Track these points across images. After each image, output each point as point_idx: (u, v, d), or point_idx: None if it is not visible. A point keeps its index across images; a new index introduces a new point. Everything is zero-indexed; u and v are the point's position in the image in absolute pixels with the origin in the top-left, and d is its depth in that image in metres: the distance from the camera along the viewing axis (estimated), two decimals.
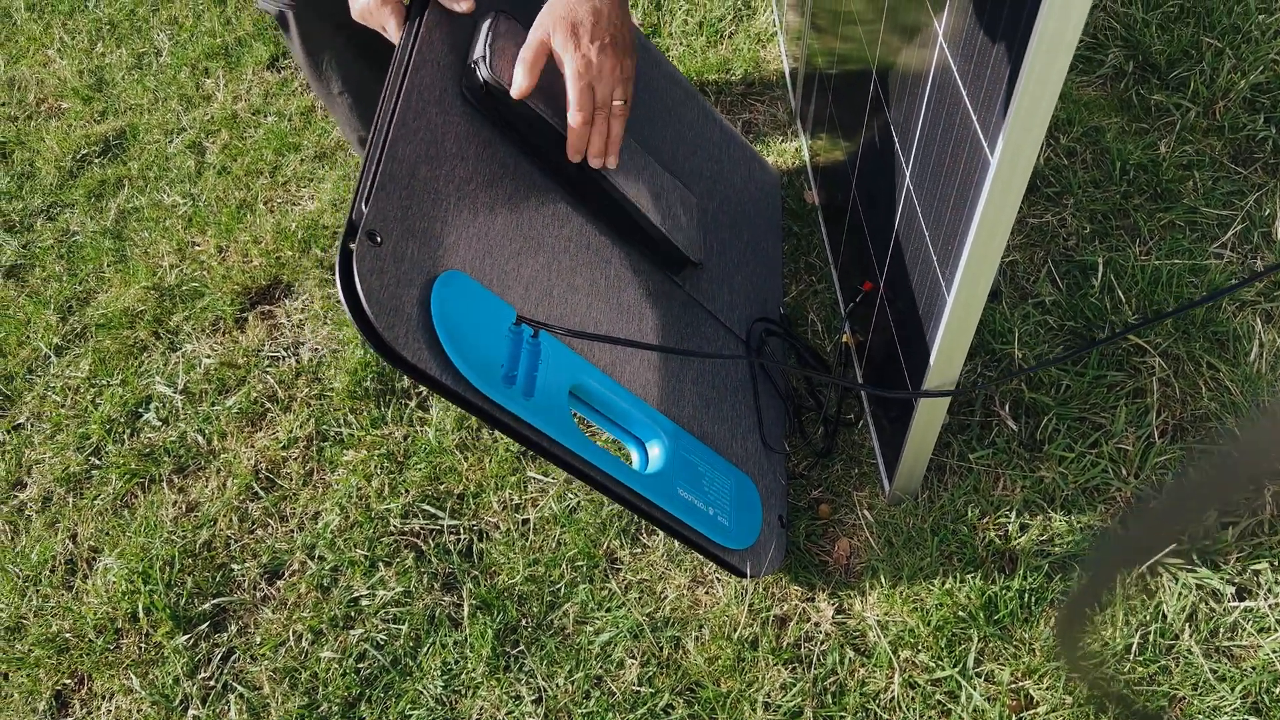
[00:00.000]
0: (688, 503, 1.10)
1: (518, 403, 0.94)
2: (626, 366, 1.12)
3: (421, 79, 0.99)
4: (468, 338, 0.91)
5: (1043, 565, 1.16)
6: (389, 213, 0.90)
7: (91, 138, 2.14)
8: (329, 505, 1.41)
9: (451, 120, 1.01)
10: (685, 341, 1.25)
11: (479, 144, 1.05)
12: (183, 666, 1.30)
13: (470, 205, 1.00)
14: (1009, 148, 0.81)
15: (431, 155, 0.97)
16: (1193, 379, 1.27)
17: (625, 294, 1.19)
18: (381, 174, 0.90)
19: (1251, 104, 1.53)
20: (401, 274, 0.89)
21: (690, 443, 1.16)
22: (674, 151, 1.38)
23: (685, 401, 1.20)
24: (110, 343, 1.70)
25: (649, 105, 1.38)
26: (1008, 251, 1.46)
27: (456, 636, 1.26)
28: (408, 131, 0.95)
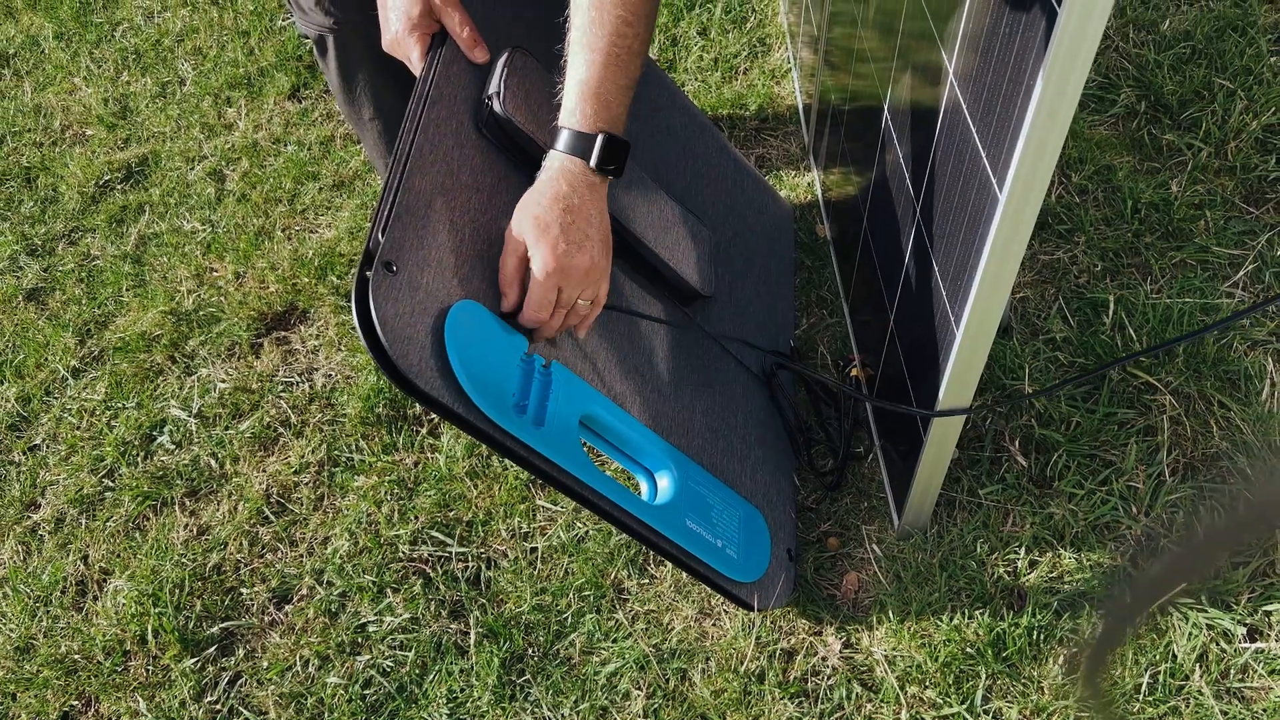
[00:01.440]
0: (696, 534, 1.10)
1: (528, 431, 0.94)
2: (637, 397, 1.13)
3: (439, 112, 1.01)
4: (480, 367, 0.92)
5: (1052, 603, 1.15)
6: (405, 243, 0.91)
7: (114, 164, 2.17)
8: (339, 531, 1.42)
9: (467, 153, 1.03)
10: (696, 373, 1.25)
11: (494, 177, 1.06)
12: (189, 690, 1.30)
13: (485, 237, 1.01)
14: (1017, 186, 0.82)
15: (447, 187, 0.98)
16: (1204, 418, 1.27)
17: (637, 325, 1.20)
18: (398, 205, 0.92)
19: (1263, 145, 1.53)
20: (416, 303, 0.90)
21: (699, 474, 1.16)
22: (688, 184, 1.40)
23: (694, 433, 1.20)
24: (127, 366, 1.71)
25: (664, 138, 1.40)
26: (1019, 288, 1.46)
27: (463, 664, 1.26)
28: (424, 164, 0.96)
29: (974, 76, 0.92)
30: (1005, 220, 0.85)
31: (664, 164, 1.36)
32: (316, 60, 1.41)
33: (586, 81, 0.97)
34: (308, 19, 1.31)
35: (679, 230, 1.28)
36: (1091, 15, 0.70)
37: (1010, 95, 0.82)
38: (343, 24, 1.29)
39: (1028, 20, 0.78)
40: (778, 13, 2.08)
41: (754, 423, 1.32)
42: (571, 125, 0.98)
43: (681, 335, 1.27)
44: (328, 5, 1.28)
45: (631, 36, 0.98)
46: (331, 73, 1.37)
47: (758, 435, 1.31)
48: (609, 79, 0.98)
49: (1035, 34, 0.76)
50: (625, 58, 0.98)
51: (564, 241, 0.96)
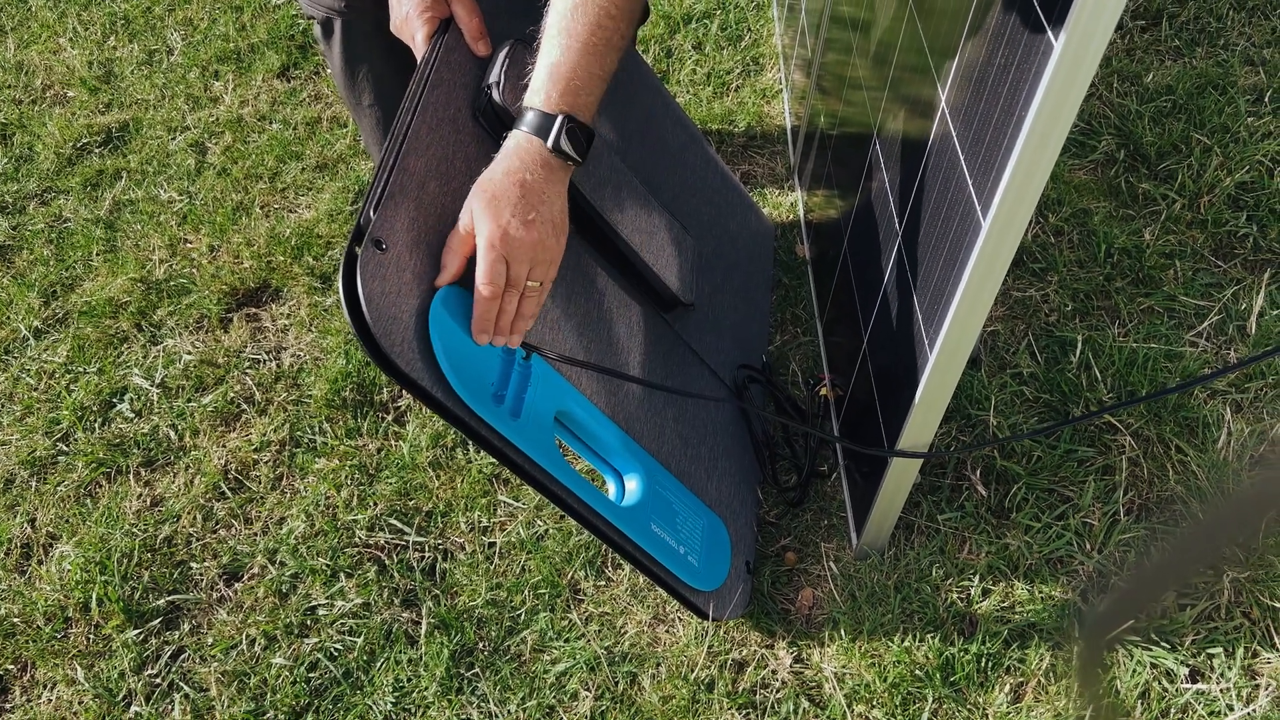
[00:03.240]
0: (659, 539, 1.10)
1: (504, 422, 0.94)
2: (611, 398, 1.13)
3: (438, 96, 1.01)
4: (462, 353, 0.92)
5: (1002, 632, 1.16)
6: (396, 222, 0.91)
7: (94, 128, 2.15)
8: (295, 511, 1.40)
9: (463, 140, 1.03)
10: (671, 380, 1.26)
11: (488, 166, 1.06)
12: (130, 661, 1.28)
13: None
14: (1001, 214, 0.84)
15: (442, 171, 0.98)
16: (1161, 461, 1.29)
17: (617, 327, 1.20)
18: (392, 183, 0.91)
19: (1235, 201, 1.57)
20: (403, 283, 0.90)
21: (667, 479, 1.16)
22: (675, 193, 1.41)
23: (665, 439, 1.20)
24: (91, 331, 1.69)
25: (655, 146, 1.40)
26: (991, 322, 1.48)
27: (412, 654, 1.25)
28: (421, 145, 0.96)
29: (966, 106, 0.93)
30: (986, 248, 0.86)
31: (654, 171, 1.37)
32: (318, 42, 1.40)
33: (558, 65, 0.97)
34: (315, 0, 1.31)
35: (664, 236, 1.28)
36: (1087, 50, 0.71)
37: (1001, 126, 0.83)
38: (352, 6, 1.29)
39: (1024, 54, 0.79)
40: (773, 34, 2.10)
41: (723, 434, 1.33)
42: (535, 105, 0.97)
43: (658, 341, 1.27)
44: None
45: (612, 29, 0.98)
46: (335, 56, 1.36)
47: (725, 446, 1.32)
48: (582, 66, 0.98)
49: (1031, 67, 0.78)
50: (602, 49, 0.98)
51: (513, 216, 0.93)
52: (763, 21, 2.13)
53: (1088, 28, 0.70)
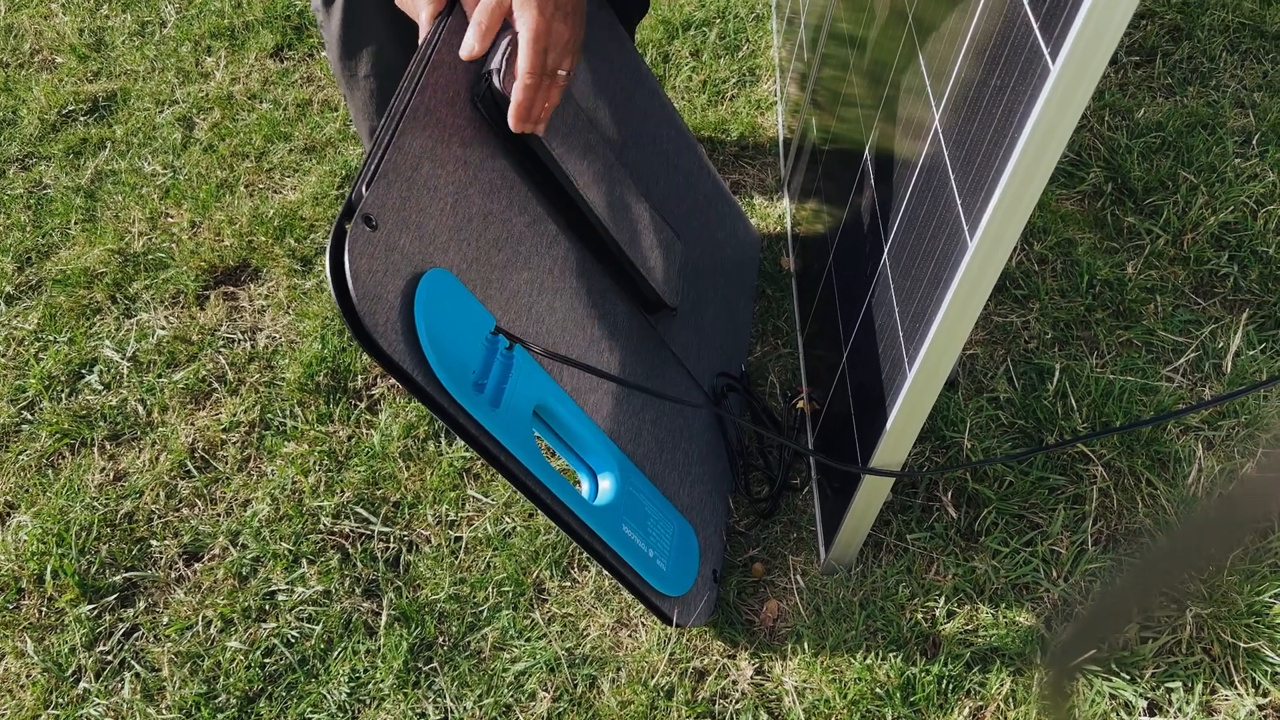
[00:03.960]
0: (630, 540, 1.10)
1: (484, 411, 0.93)
2: (590, 396, 1.12)
3: (438, 77, 1.00)
4: (445, 338, 0.91)
5: (964, 654, 1.16)
6: (388, 201, 0.90)
7: (81, 95, 2.12)
8: (261, 494, 1.38)
9: (460, 124, 1.02)
10: (650, 382, 1.25)
11: (483, 152, 1.05)
12: (82, 637, 1.25)
13: (466, 210, 1.00)
14: (988, 235, 0.83)
15: (437, 154, 0.97)
16: (1131, 493, 1.30)
17: (600, 325, 1.19)
18: (386, 162, 0.90)
19: (1219, 240, 1.58)
20: (391, 263, 0.88)
21: (641, 481, 1.15)
22: (667, 196, 1.40)
23: (641, 440, 1.20)
24: (64, 300, 1.66)
25: (650, 147, 1.40)
26: (970, 345, 1.48)
27: (370, 645, 1.23)
28: (417, 126, 0.95)
29: (959, 127, 0.93)
30: (972, 268, 0.86)
31: (647, 173, 1.37)
32: (316, 11, 1.38)
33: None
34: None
35: (654, 238, 1.28)
36: (1084, 75, 0.71)
37: (993, 147, 0.83)
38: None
39: (1020, 76, 0.79)
40: (771, 45, 2.10)
41: (698, 440, 1.32)
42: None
43: (641, 342, 1.26)
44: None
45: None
46: (334, 23, 1.34)
47: (700, 452, 1.31)
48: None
49: (1026, 90, 0.78)
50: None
51: (556, 9, 0.98)
52: (761, 33, 2.14)
53: (1085, 53, 0.70)
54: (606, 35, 1.37)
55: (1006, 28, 0.84)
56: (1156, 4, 2.05)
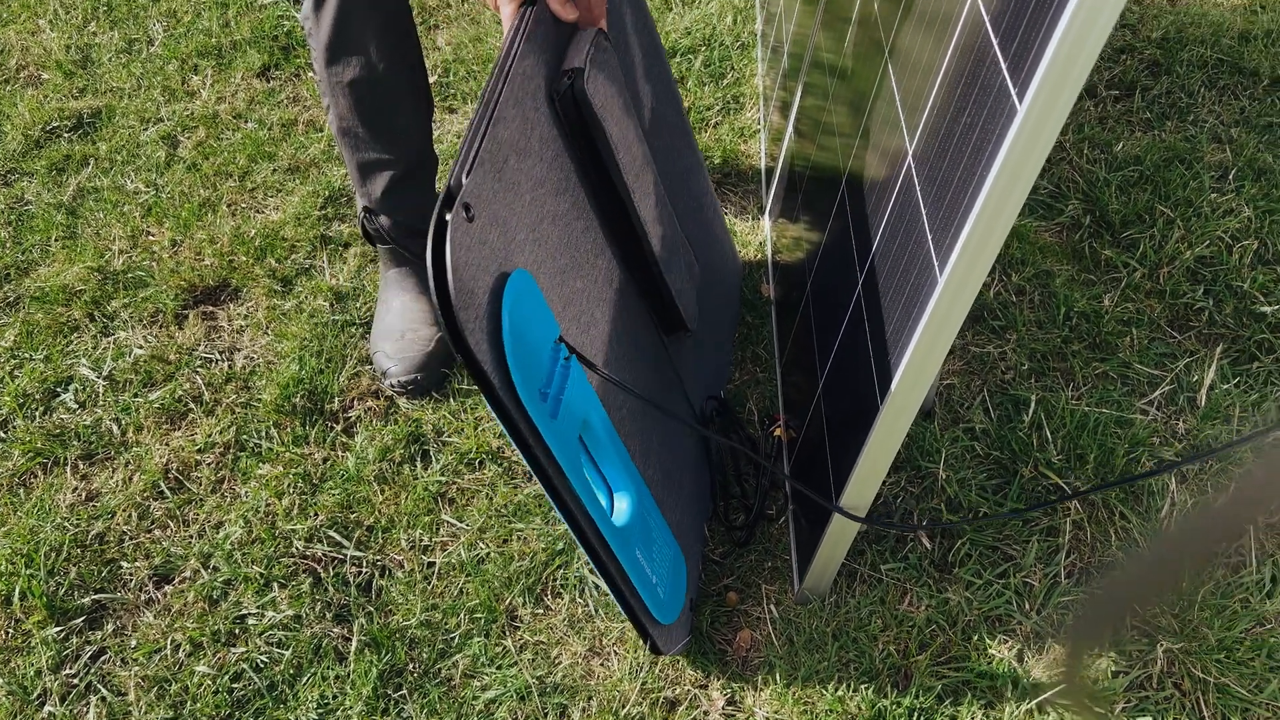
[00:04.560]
0: (640, 565, 1.08)
1: (544, 420, 0.90)
2: (616, 414, 1.11)
3: (524, 68, 0.97)
4: (523, 342, 0.88)
5: (936, 687, 1.16)
6: (483, 191, 0.86)
7: (65, 112, 2.12)
8: (234, 516, 1.38)
9: (539, 118, 0.99)
10: (659, 403, 1.23)
11: (555, 149, 1.03)
12: (48, 660, 1.24)
13: (539, 210, 0.98)
14: (958, 270, 0.84)
15: (521, 147, 0.95)
16: (1105, 526, 1.30)
17: (630, 341, 1.17)
18: (483, 150, 0.87)
19: (1194, 274, 1.60)
20: (481, 259, 0.85)
21: (651, 505, 1.14)
22: (681, 215, 1.39)
23: (650, 463, 1.18)
24: (42, 317, 1.66)
25: (672, 164, 1.38)
26: (947, 375, 1.49)
27: (340, 671, 1.22)
28: (507, 117, 0.92)
29: (931, 162, 0.94)
30: (941, 304, 0.87)
31: (674, 190, 1.36)
32: (304, 17, 1.36)
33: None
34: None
35: (681, 258, 1.27)
36: (1049, 117, 0.72)
37: (963, 184, 0.84)
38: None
39: (989, 115, 0.80)
40: (755, 74, 2.11)
41: (687, 465, 1.32)
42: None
43: (656, 363, 1.25)
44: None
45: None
46: (323, 29, 1.34)
47: (685, 476, 1.31)
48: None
49: (995, 129, 0.78)
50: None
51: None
52: (746, 61, 2.15)
53: (1050, 95, 0.71)
54: (650, 44, 1.36)
55: (977, 66, 0.85)
56: (1137, 39, 2.07)
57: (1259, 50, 1.99)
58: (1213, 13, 2.12)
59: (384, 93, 1.42)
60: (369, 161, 1.50)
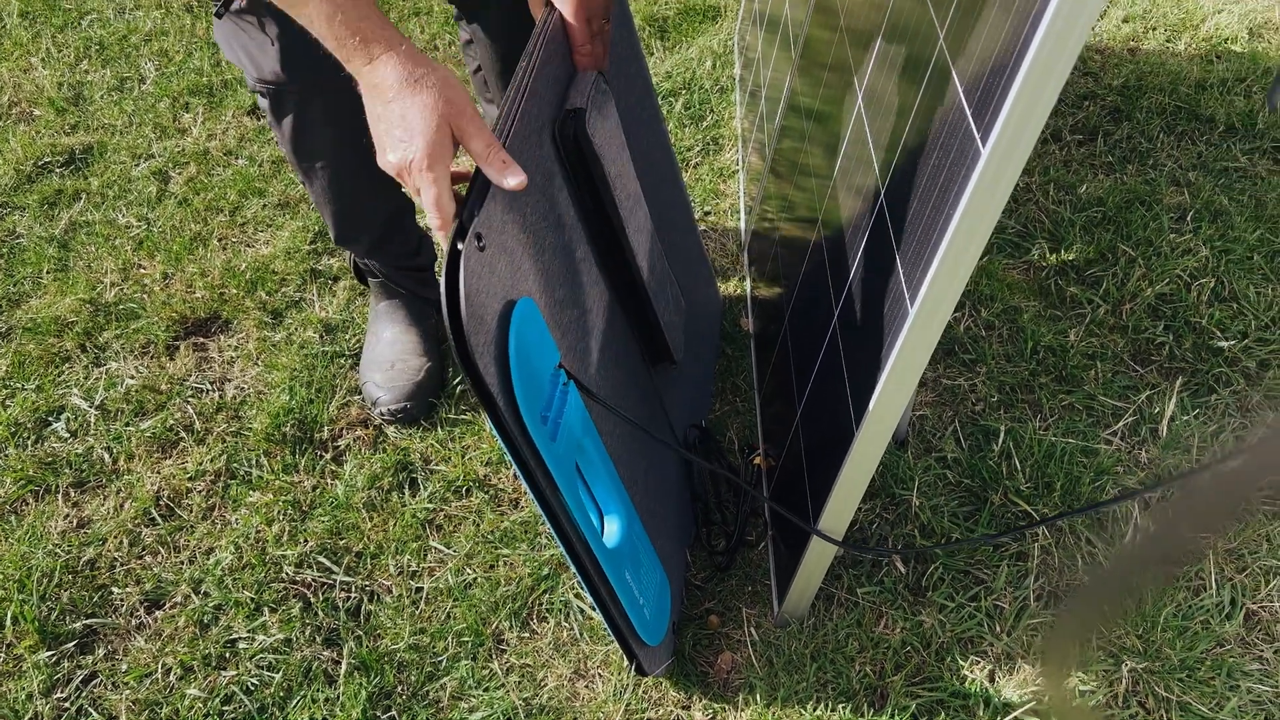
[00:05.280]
0: (629, 586, 1.12)
1: (545, 444, 0.94)
2: (608, 440, 1.15)
3: (530, 107, 1.01)
4: (527, 367, 0.92)
5: (910, 706, 1.20)
6: (493, 222, 0.90)
7: (57, 147, 2.15)
8: (225, 542, 1.40)
9: (543, 155, 1.04)
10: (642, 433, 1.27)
11: (556, 184, 1.07)
12: (40, 684, 1.26)
13: (541, 241, 1.02)
14: (928, 303, 0.89)
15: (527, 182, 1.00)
16: (1072, 551, 1.35)
17: (621, 370, 1.21)
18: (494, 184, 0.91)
19: (1155, 310, 1.66)
20: (490, 286, 0.89)
21: (639, 529, 1.17)
22: (668, 250, 1.44)
23: (638, 488, 1.22)
24: (34, 347, 1.68)
25: (660, 202, 1.44)
26: (920, 406, 1.54)
27: (329, 694, 1.25)
28: (515, 152, 0.95)
29: (902, 202, 1.00)
30: (913, 333, 0.92)
31: (661, 225, 1.41)
32: (265, 114, 1.39)
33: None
34: (267, 76, 1.26)
35: (668, 292, 1.32)
36: (1010, 160, 0.78)
37: (932, 222, 0.90)
38: (308, 82, 1.26)
39: (956, 158, 0.86)
40: (734, 116, 2.18)
41: (672, 493, 1.36)
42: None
43: (644, 393, 1.29)
44: (299, 60, 1.22)
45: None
46: (285, 133, 1.35)
47: (673, 500, 1.35)
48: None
49: (960, 171, 0.84)
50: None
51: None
52: (725, 104, 2.22)
53: (1012, 140, 0.77)
54: (644, 86, 1.42)
55: (945, 113, 0.91)
56: (1099, 87, 2.16)
57: (1214, 98, 2.09)
58: (1171, 62, 2.22)
59: (352, 185, 1.43)
60: (347, 235, 1.52)
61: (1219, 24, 2.33)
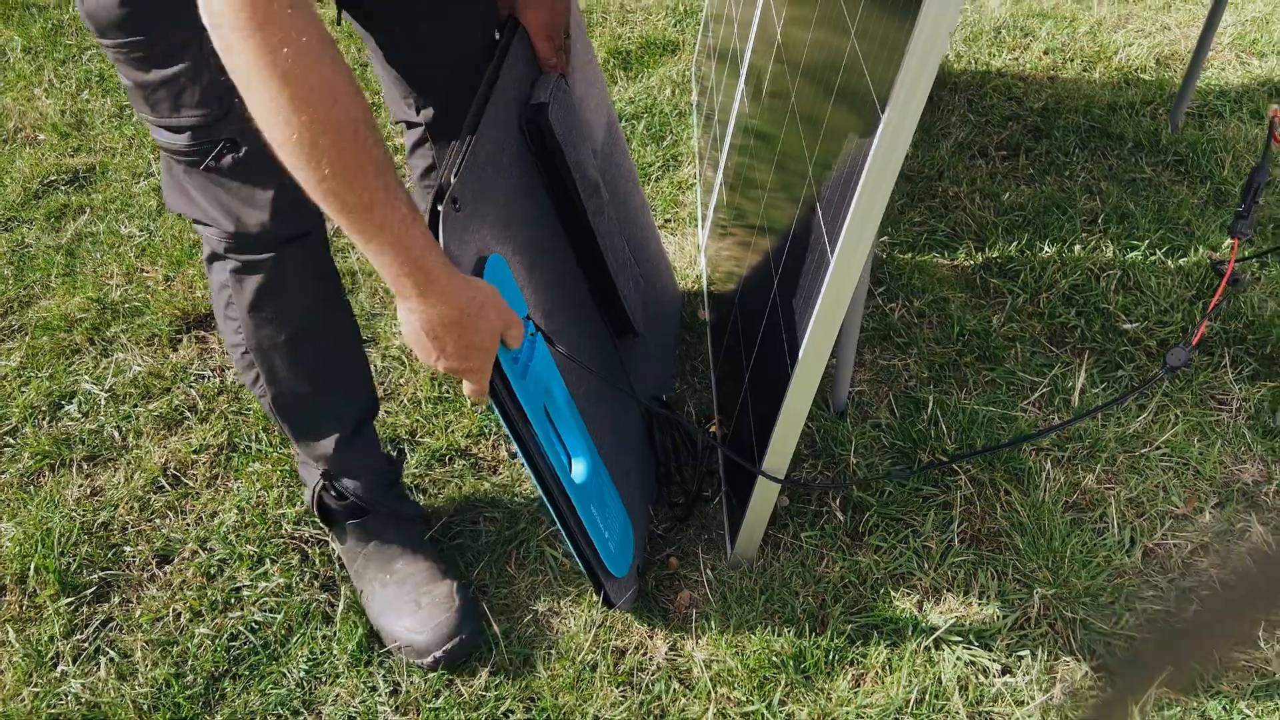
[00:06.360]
0: (594, 520, 1.27)
1: (517, 380, 1.10)
2: (576, 391, 1.31)
3: (500, 100, 1.19)
4: None
5: (847, 629, 1.35)
6: (466, 191, 1.07)
7: (62, 167, 2.31)
8: (228, 505, 1.54)
9: (511, 141, 1.22)
10: (607, 396, 1.44)
11: (524, 167, 1.26)
12: (60, 627, 1.38)
13: (510, 212, 1.19)
14: (845, 250, 1.07)
15: (496, 163, 1.17)
16: (991, 501, 1.52)
17: (587, 336, 1.39)
18: (467, 159, 1.08)
19: (1069, 299, 1.85)
20: (465, 243, 1.05)
21: (604, 472, 1.33)
22: (631, 242, 1.62)
23: (605, 441, 1.38)
24: (46, 341, 1.82)
25: (622, 201, 1.63)
26: (858, 383, 1.71)
27: (326, 631, 1.38)
28: (485, 138, 1.14)
29: (827, 182, 1.18)
30: (834, 276, 1.09)
31: (624, 217, 1.59)
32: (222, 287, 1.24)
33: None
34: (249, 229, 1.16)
35: (630, 273, 1.50)
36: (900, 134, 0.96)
37: (845, 191, 1.07)
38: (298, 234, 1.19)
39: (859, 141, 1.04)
40: (691, 136, 2.38)
41: (636, 453, 1.51)
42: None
43: (608, 360, 1.46)
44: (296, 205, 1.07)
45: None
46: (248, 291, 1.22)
47: (636, 462, 1.51)
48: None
49: (865, 148, 1.02)
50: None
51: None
52: (683, 126, 2.42)
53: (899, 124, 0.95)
54: (598, 91, 1.61)
55: (855, 114, 1.10)
56: (1021, 109, 2.38)
57: (1124, 118, 2.31)
58: (1086, 88, 2.45)
59: (324, 361, 1.32)
60: (317, 427, 1.35)
61: (1130, 55, 2.57)
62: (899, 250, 1.99)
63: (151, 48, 1.04)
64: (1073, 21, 2.74)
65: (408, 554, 1.40)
